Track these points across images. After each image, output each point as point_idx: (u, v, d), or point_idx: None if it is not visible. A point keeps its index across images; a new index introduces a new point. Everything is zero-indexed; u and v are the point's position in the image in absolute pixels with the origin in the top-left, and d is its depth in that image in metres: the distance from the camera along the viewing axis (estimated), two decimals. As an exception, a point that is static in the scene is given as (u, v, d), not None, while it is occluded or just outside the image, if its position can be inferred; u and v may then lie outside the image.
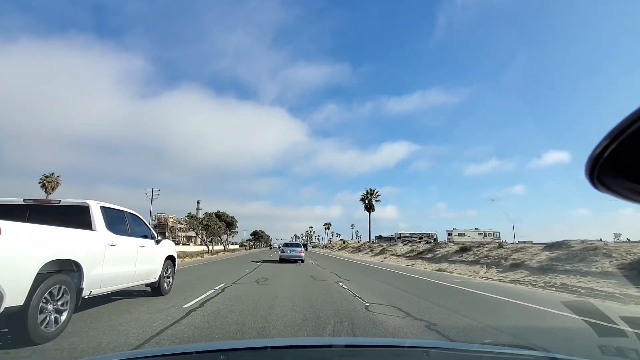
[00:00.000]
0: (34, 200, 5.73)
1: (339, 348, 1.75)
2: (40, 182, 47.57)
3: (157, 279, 7.58)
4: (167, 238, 8.33)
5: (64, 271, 4.59)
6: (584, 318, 3.83)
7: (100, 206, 5.79)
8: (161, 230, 9.14)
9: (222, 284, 10.04)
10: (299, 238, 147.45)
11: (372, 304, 7.15)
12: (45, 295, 4.11)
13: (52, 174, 48.15)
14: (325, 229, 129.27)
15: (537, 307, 7.58)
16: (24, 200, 5.65)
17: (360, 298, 7.99)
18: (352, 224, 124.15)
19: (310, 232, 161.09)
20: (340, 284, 10.90)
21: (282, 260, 22.38)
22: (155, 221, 76.75)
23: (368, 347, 1.87)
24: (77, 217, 5.44)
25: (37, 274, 3.97)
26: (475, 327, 5.27)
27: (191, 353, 1.53)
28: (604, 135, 0.56)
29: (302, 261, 22.21)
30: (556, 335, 4.96)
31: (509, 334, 4.98)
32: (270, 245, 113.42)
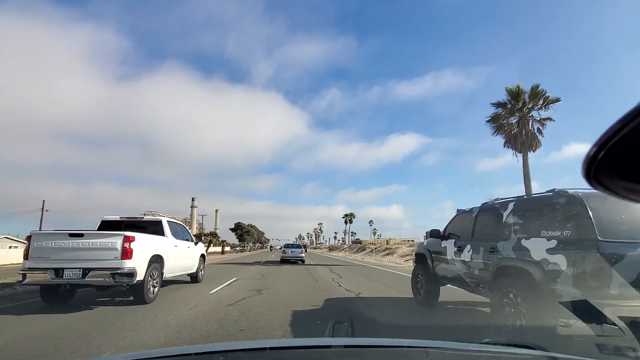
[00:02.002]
0: (126, 217, 8.71)
1: (338, 348, 1.74)
2: None
3: (195, 270, 10.55)
4: (202, 241, 11.33)
5: (155, 262, 7.54)
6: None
7: (167, 220, 8.80)
8: (197, 235, 12.14)
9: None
10: (303, 239, 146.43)
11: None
12: (150, 274, 7.08)
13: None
14: (346, 222, 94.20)
15: None
16: (120, 217, 8.63)
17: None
18: (371, 220, 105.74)
19: (319, 230, 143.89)
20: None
21: (283, 261, 24.61)
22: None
23: (367, 347, 1.89)
24: (154, 227, 8.42)
25: (148, 262, 6.95)
26: None
27: (190, 354, 1.51)
28: (599, 136, 0.57)
29: (303, 261, 24.84)
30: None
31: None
32: (271, 246, 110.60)
